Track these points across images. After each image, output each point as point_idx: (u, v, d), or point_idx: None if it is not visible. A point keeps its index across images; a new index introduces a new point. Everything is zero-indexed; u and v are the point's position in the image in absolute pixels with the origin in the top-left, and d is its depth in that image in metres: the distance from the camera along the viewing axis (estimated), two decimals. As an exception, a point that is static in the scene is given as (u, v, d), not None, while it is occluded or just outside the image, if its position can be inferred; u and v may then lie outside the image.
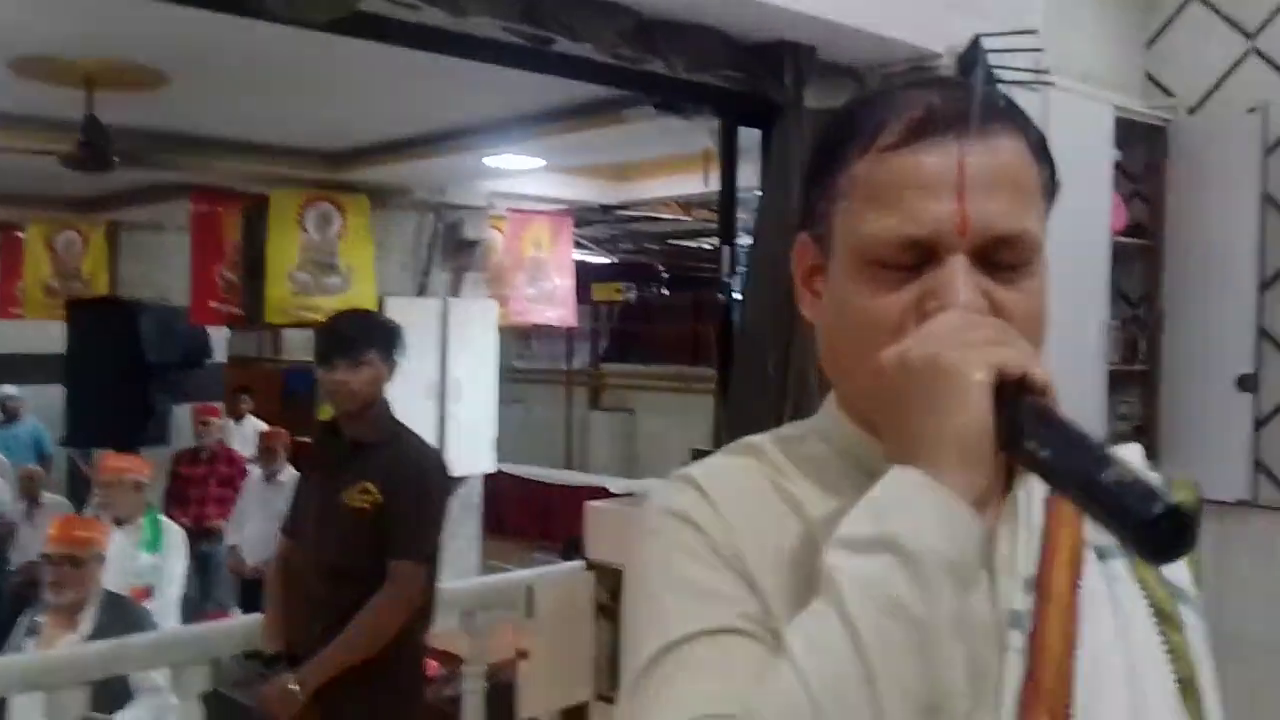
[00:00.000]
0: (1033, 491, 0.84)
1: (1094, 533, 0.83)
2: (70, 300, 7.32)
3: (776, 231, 3.42)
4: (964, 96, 0.80)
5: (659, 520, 0.82)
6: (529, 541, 9.85)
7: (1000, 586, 0.79)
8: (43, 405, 8.16)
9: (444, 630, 4.20)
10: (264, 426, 7.27)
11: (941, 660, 0.67)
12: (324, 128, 5.45)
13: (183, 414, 8.20)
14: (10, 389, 8.18)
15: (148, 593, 4.42)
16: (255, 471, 6.53)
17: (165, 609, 4.53)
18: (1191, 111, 4.35)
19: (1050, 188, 0.84)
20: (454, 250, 6.46)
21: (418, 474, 2.91)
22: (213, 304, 6.22)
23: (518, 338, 12.49)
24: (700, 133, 3.99)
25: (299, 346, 10.19)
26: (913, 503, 0.69)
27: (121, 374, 7.31)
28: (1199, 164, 4.27)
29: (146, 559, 4.54)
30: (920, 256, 0.77)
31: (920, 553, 0.67)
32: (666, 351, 12.28)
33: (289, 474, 6.12)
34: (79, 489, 7.30)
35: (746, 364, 3.47)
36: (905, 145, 0.79)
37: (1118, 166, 4.24)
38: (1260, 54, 4.18)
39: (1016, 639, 0.77)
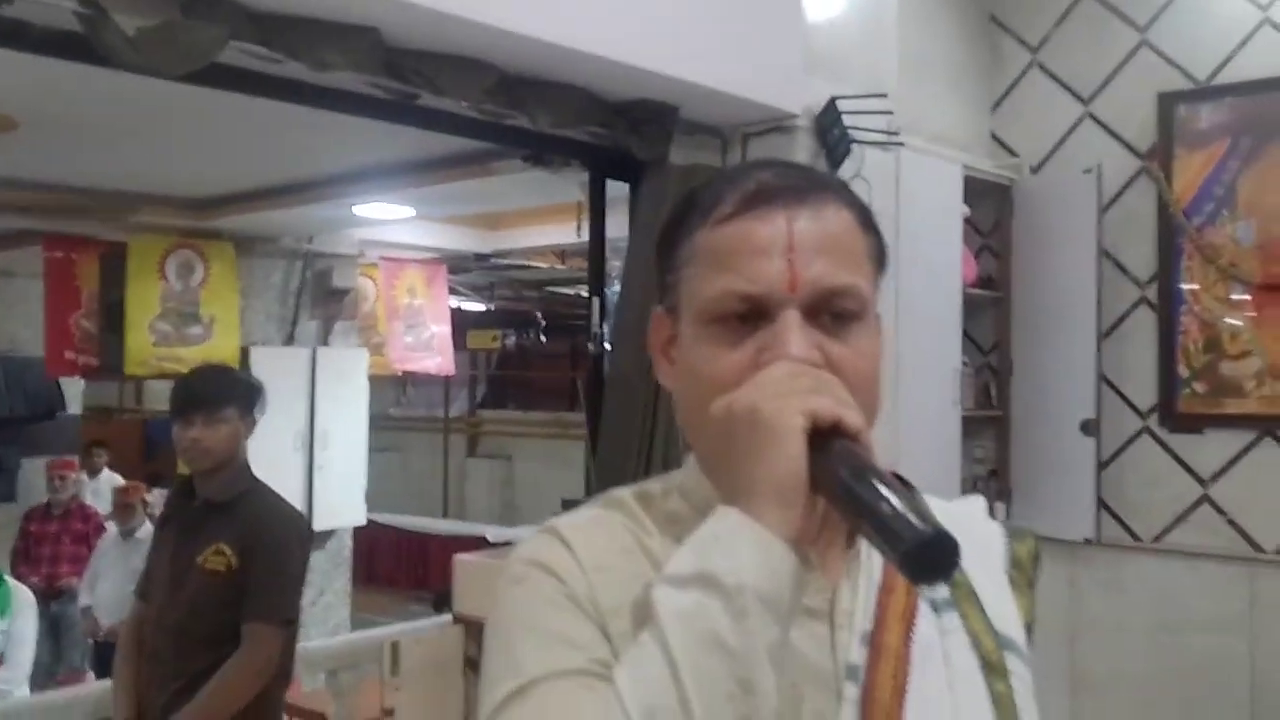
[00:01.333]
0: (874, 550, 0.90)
1: (931, 588, 0.88)
2: (-89, 350, 6.95)
3: (643, 283, 3.47)
4: (794, 172, 0.88)
5: (521, 570, 0.85)
6: (404, 592, 9.67)
7: (840, 640, 0.84)
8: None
9: (310, 690, 4.10)
10: (121, 481, 6.99)
11: (757, 689, 0.70)
12: (187, 174, 5.32)
13: (34, 468, 7.84)
14: None
15: (-1, 660, 4.21)
16: (112, 529, 6.27)
17: (15, 676, 4.31)
18: (1034, 170, 4.60)
19: (879, 257, 0.90)
20: (323, 298, 6.37)
21: (275, 534, 2.84)
22: (68, 354, 5.97)
23: (393, 385, 12.32)
24: (571, 184, 4.03)
25: (161, 396, 9.82)
26: (731, 541, 0.73)
27: (-35, 427, 6.96)
28: (1042, 220, 4.51)
29: (-6, 624, 4.31)
30: (756, 313, 0.82)
31: (737, 587, 0.71)
32: (544, 398, 12.27)
33: (147, 531, 5.87)
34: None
35: (615, 414, 3.50)
36: (739, 215, 0.85)
37: (968, 222, 4.45)
38: (1095, 119, 4.45)
39: (851, 690, 0.81)
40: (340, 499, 6.29)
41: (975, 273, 4.49)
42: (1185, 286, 4.22)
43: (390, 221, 5.92)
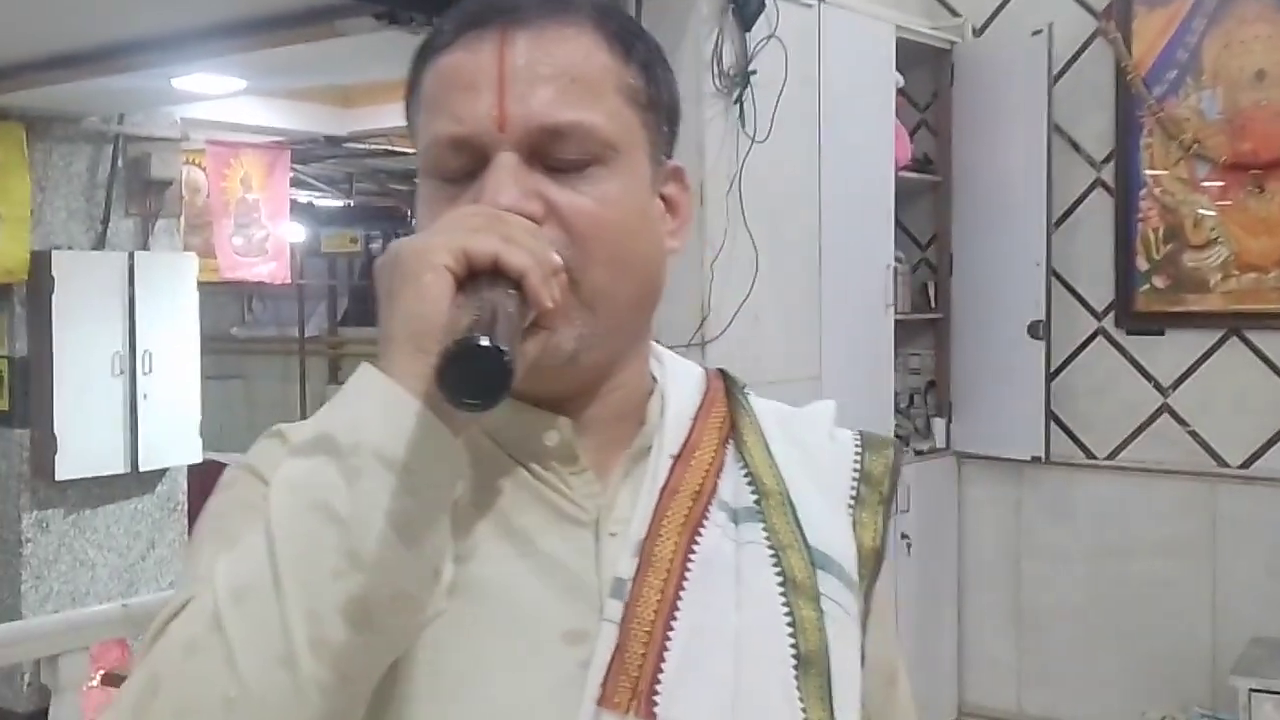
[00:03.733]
0: (664, 448, 0.87)
1: (732, 494, 0.87)
2: None
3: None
4: None
5: (231, 474, 0.86)
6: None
7: (608, 550, 0.83)
8: None
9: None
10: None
11: (371, 563, 0.69)
12: (-39, 38, 5.07)
13: None
14: None
15: None
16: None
17: None
18: (977, 33, 4.62)
19: (646, 93, 0.87)
20: (140, 192, 6.13)
21: None
22: None
23: (235, 299, 12.10)
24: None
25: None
26: (355, 397, 0.73)
27: None
28: (986, 91, 4.55)
29: None
30: (472, 161, 0.80)
31: (352, 446, 0.70)
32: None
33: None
34: None
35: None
36: (452, 44, 0.83)
37: (901, 93, 4.46)
38: (1045, -30, 4.48)
39: (614, 608, 0.80)
40: (170, 433, 6.14)
41: (909, 153, 4.51)
42: (1146, 170, 4.31)
43: (217, 96, 5.72)
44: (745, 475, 0.89)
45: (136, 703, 0.70)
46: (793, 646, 0.82)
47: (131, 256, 6.07)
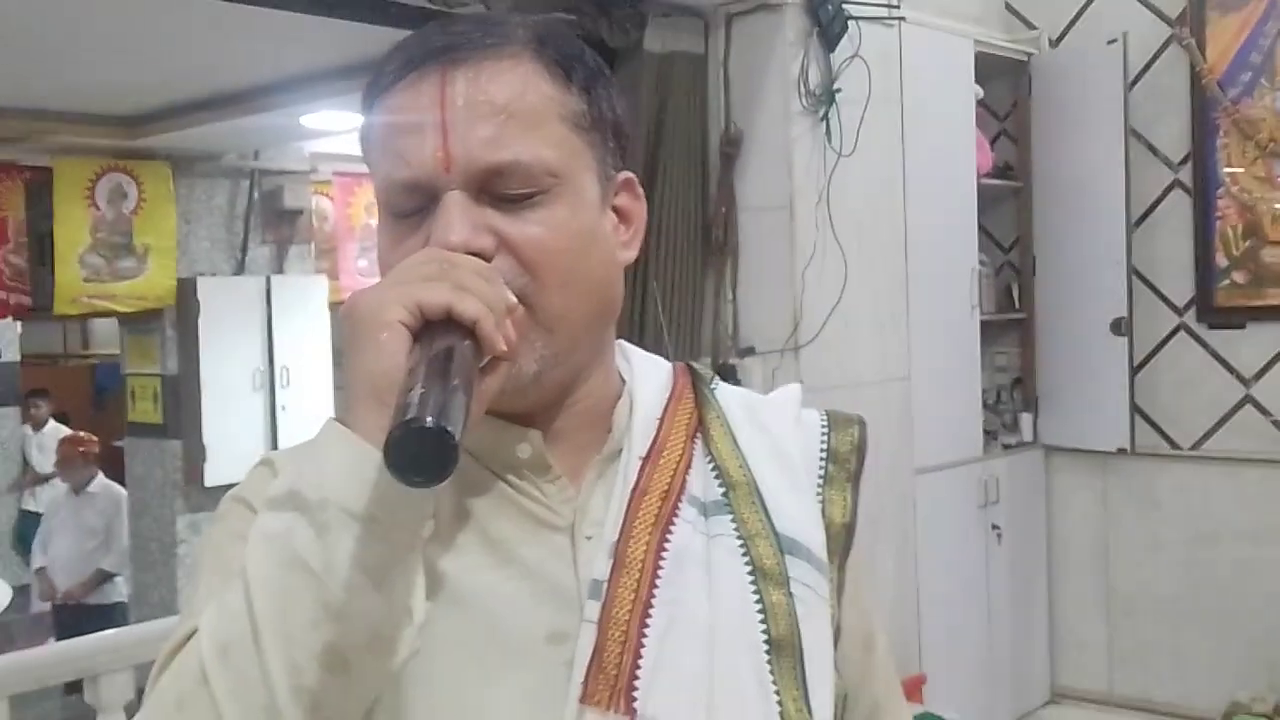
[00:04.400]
0: (633, 450, 0.86)
1: (701, 488, 0.86)
2: None
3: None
4: (466, 25, 0.82)
5: (225, 506, 0.85)
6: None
7: (585, 553, 0.82)
8: None
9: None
10: (67, 432, 7.01)
11: (346, 612, 0.69)
12: (116, 89, 5.24)
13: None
14: None
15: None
16: (59, 486, 6.30)
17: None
18: (1054, 44, 4.53)
19: (597, 118, 0.85)
20: (274, 221, 6.32)
21: None
22: (-1, 294, 5.96)
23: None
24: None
25: (111, 339, 9.79)
26: (321, 453, 0.72)
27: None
28: (1063, 99, 4.46)
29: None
30: (424, 199, 0.79)
31: (320, 502, 0.70)
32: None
33: (101, 484, 5.93)
34: None
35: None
36: (396, 85, 0.81)
37: (981, 104, 4.40)
38: (1119, -19, 4.38)
39: (592, 609, 0.79)
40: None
41: (991, 161, 4.45)
42: (1223, 169, 4.19)
43: (342, 131, 5.84)
44: (713, 469, 0.87)
45: None
46: (764, 633, 0.81)
47: (268, 280, 6.25)
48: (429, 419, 0.65)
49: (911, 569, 3.95)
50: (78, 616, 5.58)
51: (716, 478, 0.87)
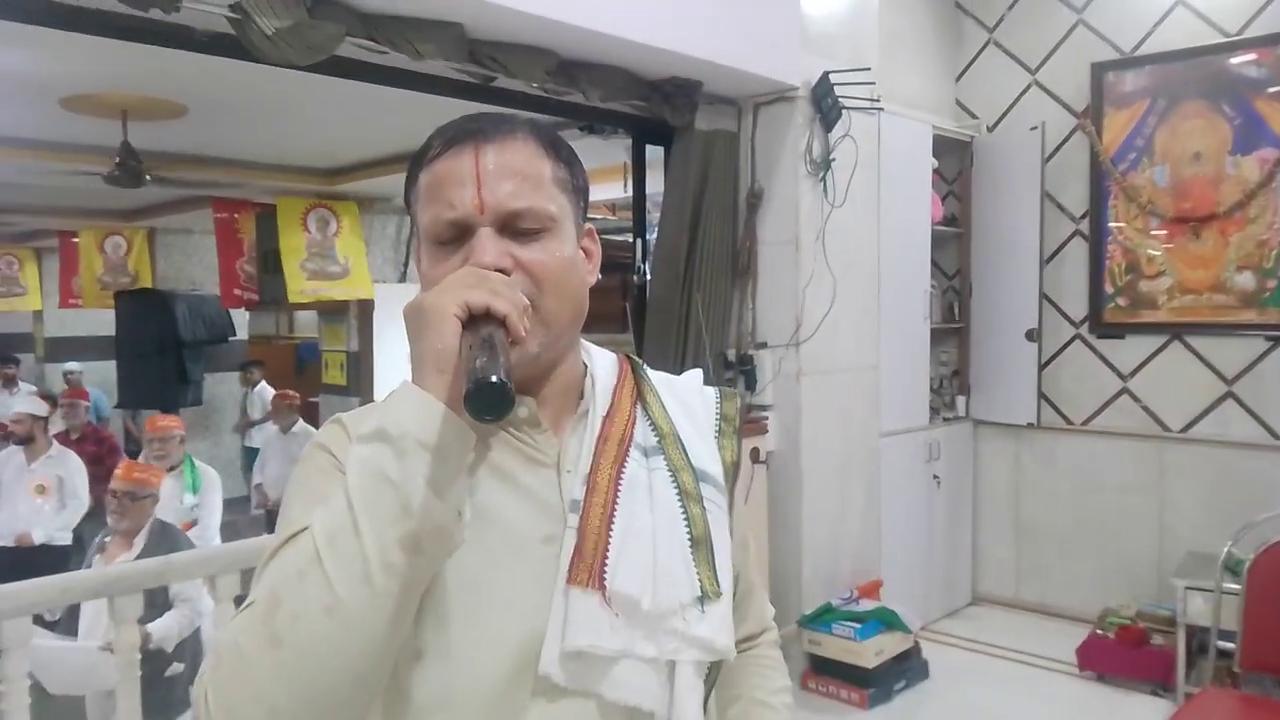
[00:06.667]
0: (597, 408, 0.89)
1: (643, 437, 0.89)
2: (118, 291, 7.11)
3: (675, 227, 3.46)
4: (490, 118, 0.85)
5: (308, 451, 0.86)
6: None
7: (566, 482, 0.85)
8: (98, 378, 7.95)
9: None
10: (272, 391, 7.12)
11: (417, 511, 0.70)
12: (319, 148, 5.34)
13: (215, 380, 8.06)
14: (73, 364, 7.96)
15: (193, 524, 4.34)
16: (271, 427, 6.42)
17: (208, 536, 4.45)
18: (990, 129, 4.47)
19: (574, 184, 0.87)
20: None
21: None
22: (236, 291, 6.08)
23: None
24: (618, 149, 4.00)
25: (309, 325, 10.01)
26: (399, 402, 0.74)
27: (162, 350, 7.15)
28: (996, 170, 4.40)
29: (190, 498, 4.44)
30: (461, 233, 0.81)
31: (399, 434, 0.72)
32: (600, 321, 12.21)
33: (301, 427, 6.05)
34: (131, 443, 7.14)
35: (655, 329, 3.52)
36: (441, 155, 0.83)
37: (936, 172, 4.36)
38: (1040, 85, 4.31)
39: (572, 519, 0.82)
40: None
41: (941, 213, 4.40)
42: (1112, 223, 4.12)
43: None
44: (650, 425, 0.90)
45: (265, 612, 0.70)
46: (688, 533, 0.85)
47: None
48: (493, 377, 0.68)
49: (876, 505, 3.94)
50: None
51: (652, 430, 0.90)
